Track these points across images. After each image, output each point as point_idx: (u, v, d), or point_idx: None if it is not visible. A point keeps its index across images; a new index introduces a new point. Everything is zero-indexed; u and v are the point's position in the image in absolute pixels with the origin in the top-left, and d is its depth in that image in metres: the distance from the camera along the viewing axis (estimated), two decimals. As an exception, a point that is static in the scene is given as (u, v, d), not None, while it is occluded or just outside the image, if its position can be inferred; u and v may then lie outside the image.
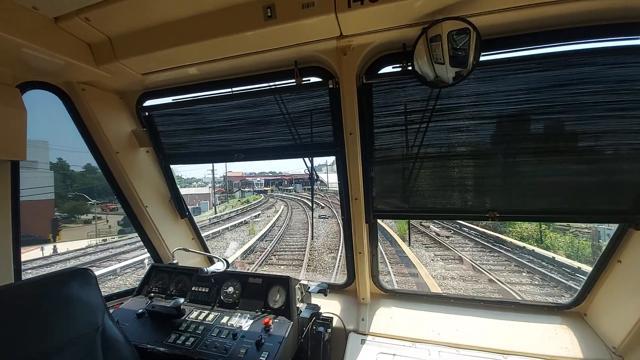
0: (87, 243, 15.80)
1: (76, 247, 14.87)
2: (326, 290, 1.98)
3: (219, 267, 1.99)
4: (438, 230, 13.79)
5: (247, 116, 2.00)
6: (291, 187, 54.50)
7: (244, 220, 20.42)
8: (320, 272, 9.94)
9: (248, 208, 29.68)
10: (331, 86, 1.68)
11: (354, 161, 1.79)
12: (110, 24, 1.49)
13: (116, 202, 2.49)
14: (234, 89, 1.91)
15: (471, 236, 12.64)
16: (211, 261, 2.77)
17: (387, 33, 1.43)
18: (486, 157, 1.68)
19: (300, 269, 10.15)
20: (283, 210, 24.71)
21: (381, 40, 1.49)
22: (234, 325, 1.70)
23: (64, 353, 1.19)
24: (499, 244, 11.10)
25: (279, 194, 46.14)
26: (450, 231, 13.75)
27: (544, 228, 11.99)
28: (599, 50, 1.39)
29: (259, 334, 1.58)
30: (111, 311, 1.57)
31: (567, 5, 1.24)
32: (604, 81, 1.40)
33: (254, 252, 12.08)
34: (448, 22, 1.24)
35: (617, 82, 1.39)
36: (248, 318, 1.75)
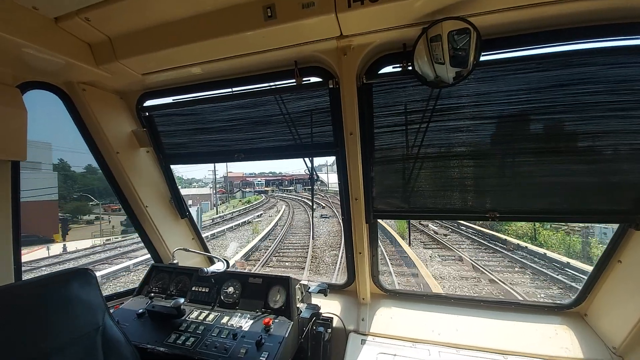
0: (93, 242, 15.91)
1: (83, 247, 15.02)
2: (326, 290, 1.98)
3: (219, 267, 1.99)
4: (436, 228, 14.17)
5: (248, 116, 2.00)
6: (291, 188, 54.53)
7: (247, 220, 21.04)
8: (323, 269, 10.46)
9: (250, 208, 29.80)
10: (331, 86, 1.68)
11: (354, 161, 1.79)
12: (110, 24, 1.50)
13: (118, 203, 2.50)
14: (234, 89, 1.91)
15: (468, 234, 13.11)
16: (211, 261, 2.77)
17: (387, 33, 1.43)
18: (486, 157, 1.68)
19: (302, 268, 10.50)
20: (285, 210, 25.15)
21: (381, 40, 1.49)
22: (234, 325, 1.70)
23: (64, 353, 1.19)
24: (495, 242, 11.67)
25: (280, 194, 46.17)
26: (448, 229, 14.17)
27: (538, 226, 12.23)
28: (599, 50, 1.39)
29: (259, 334, 1.58)
30: (111, 311, 1.58)
31: (567, 5, 1.24)
32: (605, 81, 1.40)
33: (259, 250, 12.61)
34: (448, 22, 1.24)
35: (618, 82, 1.39)
36: (248, 318, 1.75)
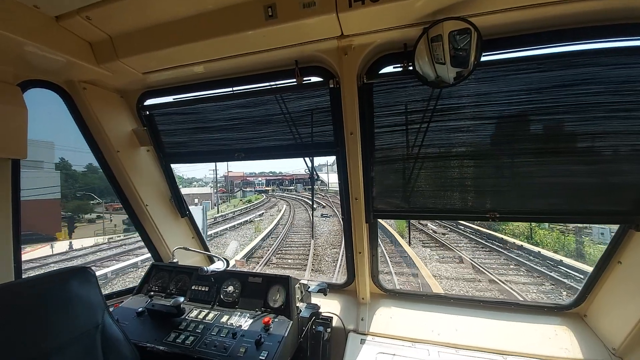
0: (96, 241, 16.09)
1: (88, 245, 15.20)
2: (326, 289, 1.99)
3: (219, 266, 1.99)
4: (435, 228, 14.53)
5: (248, 115, 2.00)
6: (292, 187, 54.54)
7: (249, 219, 21.47)
8: (325, 265, 10.84)
9: (251, 207, 29.91)
10: (332, 86, 1.67)
11: (355, 161, 1.79)
12: (111, 23, 1.49)
13: (119, 202, 2.51)
14: (235, 89, 1.91)
15: (466, 233, 13.53)
16: (211, 260, 2.77)
17: (388, 33, 1.42)
18: (487, 158, 1.68)
19: (305, 264, 10.84)
20: (285, 209, 25.44)
21: (382, 40, 1.49)
22: (234, 324, 1.70)
23: (64, 352, 1.19)
24: (492, 240, 12.14)
25: (280, 194, 46.18)
26: (446, 229, 14.57)
27: (534, 226, 12.47)
28: (602, 50, 1.38)
29: (259, 333, 1.58)
30: (111, 310, 1.58)
31: (570, 5, 1.23)
32: (607, 82, 1.40)
33: (262, 248, 13.04)
34: (449, 22, 1.24)
35: (620, 83, 1.39)
36: (248, 317, 1.75)
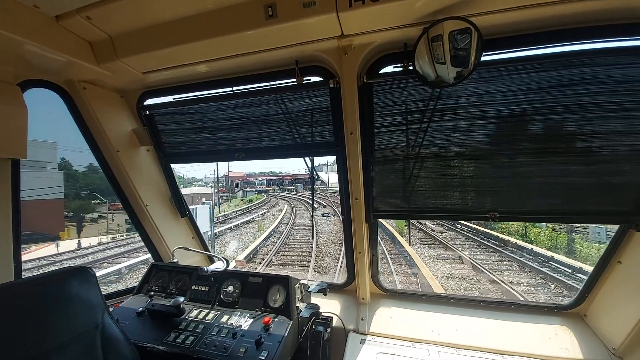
0: (100, 240, 16.17)
1: (94, 244, 15.30)
2: (326, 289, 1.98)
3: (219, 266, 1.99)
4: (434, 226, 14.91)
5: (248, 115, 2.00)
6: (292, 187, 54.56)
7: (252, 218, 21.93)
8: (327, 262, 11.19)
9: (253, 207, 30.00)
10: (332, 86, 1.67)
11: (355, 161, 1.79)
12: (111, 23, 1.49)
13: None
14: (235, 88, 1.91)
15: (463, 232, 13.96)
16: (211, 260, 2.77)
17: (388, 33, 1.42)
18: (487, 158, 1.68)
19: (308, 261, 11.15)
20: (287, 209, 25.75)
21: (382, 39, 1.49)
22: (234, 324, 1.70)
23: (64, 351, 1.19)
24: (488, 239, 12.57)
25: (281, 194, 46.16)
26: (444, 227, 14.94)
27: (528, 224, 12.73)
28: (602, 50, 1.38)
29: (259, 333, 1.58)
30: (111, 309, 1.58)
31: (570, 5, 1.23)
32: (606, 82, 1.40)
33: (266, 245, 13.47)
34: (449, 22, 1.24)
35: (619, 83, 1.39)
36: (248, 317, 1.75)
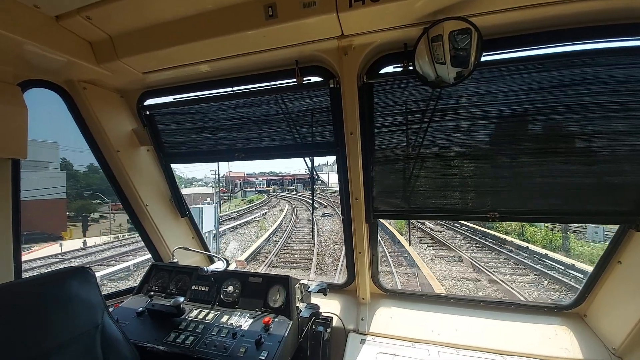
0: (102, 240, 16.40)
1: (97, 243, 15.57)
2: (326, 289, 1.98)
3: (219, 266, 1.99)
4: (432, 225, 15.31)
5: (248, 115, 2.00)
6: (292, 187, 54.58)
7: (254, 217, 22.57)
8: (329, 259, 11.66)
9: (254, 207, 30.14)
10: (332, 86, 1.67)
11: (355, 161, 1.78)
12: (111, 23, 1.49)
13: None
14: (235, 88, 1.91)
15: (461, 231, 14.46)
16: (211, 260, 2.77)
17: (388, 33, 1.42)
18: (487, 158, 1.68)
19: (310, 259, 11.59)
20: (288, 209, 26.13)
21: (382, 40, 1.49)
22: (234, 324, 1.70)
23: (64, 352, 1.19)
24: (485, 237, 12.98)
25: (281, 194, 46.16)
26: (443, 226, 15.41)
27: (525, 223, 12.95)
28: (602, 50, 1.38)
29: (259, 333, 1.58)
30: (111, 310, 1.58)
31: (570, 5, 1.23)
32: (607, 82, 1.40)
33: (269, 244, 14.04)
34: (449, 22, 1.24)
35: (620, 83, 1.39)
36: (248, 317, 1.75)
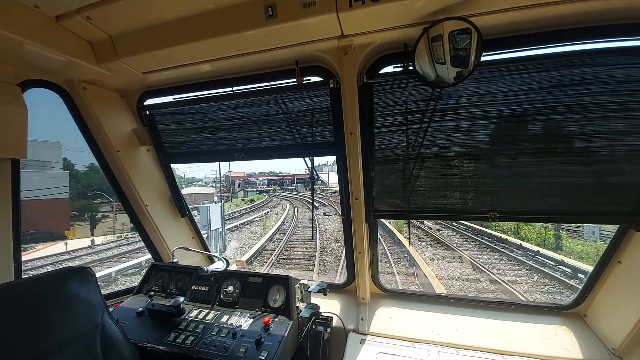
0: (105, 239, 16.62)
1: (101, 242, 15.89)
2: (326, 289, 1.98)
3: (219, 266, 1.99)
4: (431, 224, 15.74)
5: (248, 115, 2.00)
6: (292, 187, 54.64)
7: (256, 216, 23.04)
8: (331, 256, 12.13)
9: (255, 207, 30.24)
10: (332, 86, 1.67)
11: (355, 161, 1.79)
12: (111, 23, 1.49)
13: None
14: (235, 88, 1.91)
15: (459, 229, 15.00)
16: (211, 260, 2.77)
17: (388, 33, 1.42)
18: (487, 158, 1.68)
19: (312, 256, 11.98)
20: (289, 208, 26.49)
21: (382, 40, 1.49)
22: (234, 324, 1.70)
23: (64, 351, 1.19)
24: (482, 236, 13.46)
25: (282, 194, 46.22)
26: (441, 225, 15.95)
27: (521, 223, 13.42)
28: (602, 50, 1.38)
29: (259, 333, 1.58)
30: (111, 310, 1.58)
31: (570, 5, 1.23)
32: (606, 82, 1.40)
33: (273, 242, 14.64)
34: (449, 22, 1.24)
35: (619, 83, 1.39)
36: (248, 317, 1.75)
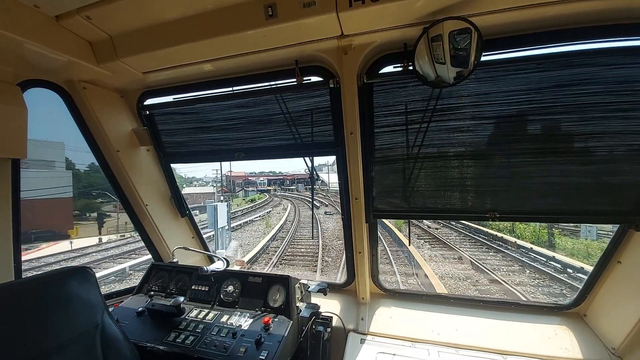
0: (109, 238, 16.77)
1: (104, 240, 16.11)
2: (326, 289, 1.98)
3: (219, 266, 1.99)
4: (429, 223, 16.07)
5: (248, 115, 2.00)
6: (293, 187, 54.71)
7: (259, 215, 23.30)
8: (334, 253, 12.31)
9: (257, 206, 30.29)
10: (332, 86, 1.67)
11: (355, 161, 1.79)
12: (111, 23, 1.49)
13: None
14: (235, 88, 1.91)
15: (456, 228, 15.25)
16: (211, 260, 2.77)
17: (388, 32, 1.42)
18: (487, 158, 1.68)
19: (315, 254, 12.13)
20: (290, 208, 26.64)
21: (382, 39, 1.49)
22: (234, 324, 1.70)
23: (64, 351, 1.19)
24: (479, 234, 13.68)
25: (282, 193, 46.27)
26: (440, 224, 16.23)
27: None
28: (601, 50, 1.38)
29: (259, 333, 1.58)
30: (111, 309, 1.58)
31: (570, 5, 1.23)
32: (606, 82, 1.40)
33: (275, 240, 14.95)
34: (449, 22, 1.24)
35: (619, 83, 1.39)
36: (248, 317, 1.75)
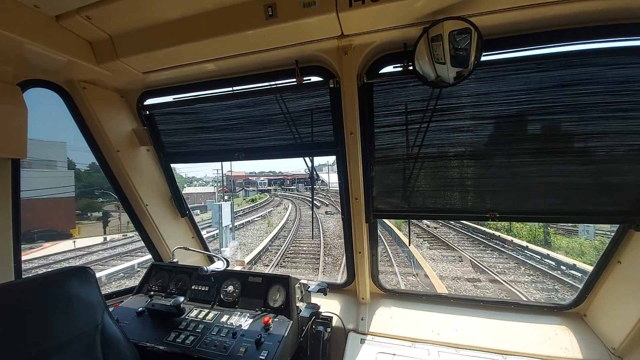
0: (117, 237, 16.97)
1: (109, 239, 16.47)
2: (326, 289, 1.98)
3: (219, 266, 1.99)
4: (429, 222, 16.45)
5: (248, 115, 2.00)
6: (293, 187, 54.75)
7: (262, 214, 23.60)
8: (335, 251, 12.58)
9: (258, 206, 30.35)
10: (332, 86, 1.68)
11: (355, 161, 1.79)
12: (111, 23, 1.50)
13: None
14: (235, 88, 1.91)
15: (455, 227, 15.61)
16: (211, 260, 2.77)
17: (388, 33, 1.43)
18: (487, 157, 1.68)
19: (317, 252, 12.43)
20: (291, 208, 26.97)
21: (382, 39, 1.49)
22: (234, 324, 1.70)
23: (64, 351, 1.19)
24: (477, 233, 13.93)
25: (283, 193, 46.31)
26: (439, 223, 16.68)
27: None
28: (601, 50, 1.38)
29: (259, 333, 1.58)
30: (111, 309, 1.58)
31: (570, 5, 1.23)
32: (606, 82, 1.40)
33: (278, 239, 15.41)
34: (449, 22, 1.24)
35: (619, 83, 1.39)
36: (248, 317, 1.75)
